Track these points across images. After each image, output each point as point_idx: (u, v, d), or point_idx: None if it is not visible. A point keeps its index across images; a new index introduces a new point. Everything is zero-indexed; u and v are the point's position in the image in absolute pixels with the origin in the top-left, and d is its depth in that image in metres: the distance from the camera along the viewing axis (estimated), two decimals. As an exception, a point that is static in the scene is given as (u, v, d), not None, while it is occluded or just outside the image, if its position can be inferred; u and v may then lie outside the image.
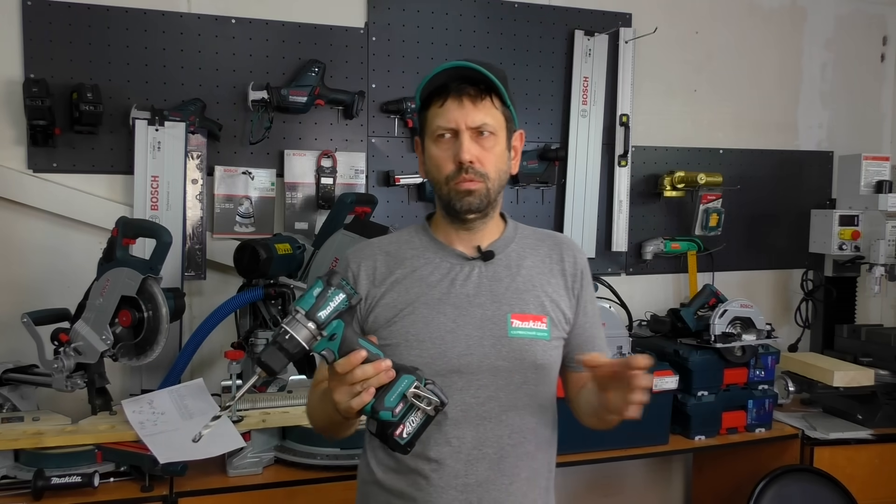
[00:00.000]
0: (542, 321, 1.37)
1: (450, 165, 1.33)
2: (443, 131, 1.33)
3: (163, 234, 2.04)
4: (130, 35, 2.43)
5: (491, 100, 1.34)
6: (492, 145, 1.34)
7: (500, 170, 1.37)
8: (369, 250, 1.43)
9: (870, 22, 3.43)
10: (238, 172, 2.56)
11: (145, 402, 2.07)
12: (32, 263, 2.38)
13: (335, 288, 1.17)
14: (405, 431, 1.18)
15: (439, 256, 1.40)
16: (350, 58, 2.67)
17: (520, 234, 1.46)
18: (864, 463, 2.62)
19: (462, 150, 1.31)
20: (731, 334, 2.59)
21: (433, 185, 1.39)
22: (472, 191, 1.33)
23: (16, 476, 1.93)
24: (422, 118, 1.39)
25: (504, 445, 1.35)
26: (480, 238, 1.41)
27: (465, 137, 1.32)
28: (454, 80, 1.32)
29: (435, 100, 1.34)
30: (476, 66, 1.31)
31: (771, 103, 3.28)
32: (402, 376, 1.17)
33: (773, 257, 3.32)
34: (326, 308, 1.15)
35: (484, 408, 1.34)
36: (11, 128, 2.33)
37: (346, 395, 1.16)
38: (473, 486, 1.33)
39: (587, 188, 2.95)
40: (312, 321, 1.14)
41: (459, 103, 1.32)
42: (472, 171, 1.32)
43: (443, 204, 1.39)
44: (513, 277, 1.39)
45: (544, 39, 2.92)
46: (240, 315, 2.38)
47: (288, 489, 2.02)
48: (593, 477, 3.03)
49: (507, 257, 1.41)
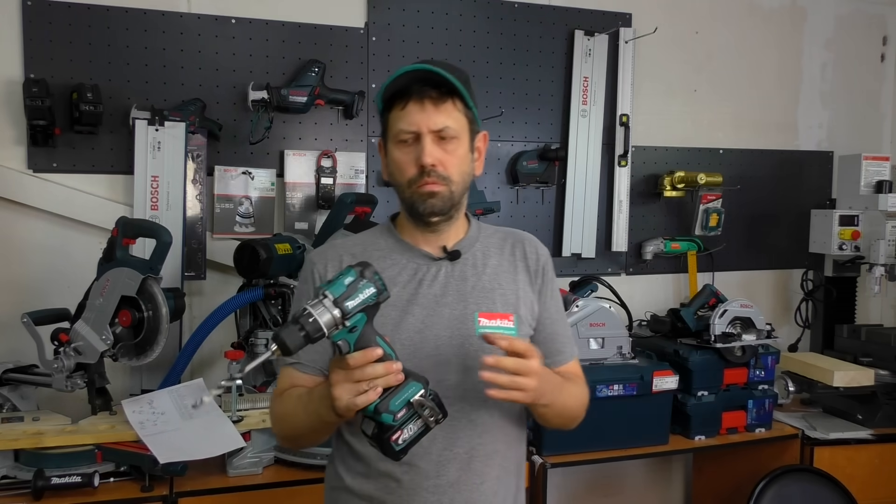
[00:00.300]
0: (510, 319, 1.37)
1: (412, 169, 1.33)
2: (405, 135, 1.33)
3: (163, 234, 2.04)
4: (130, 35, 2.43)
5: (453, 102, 1.33)
6: (454, 148, 1.34)
7: (463, 172, 1.36)
8: (334, 251, 1.43)
9: (870, 22, 3.43)
10: (238, 172, 2.55)
11: (145, 402, 2.07)
12: (32, 263, 2.38)
13: (367, 280, 1.14)
14: (402, 438, 1.16)
15: (406, 258, 1.40)
16: (350, 58, 2.67)
17: (484, 234, 1.47)
18: (864, 463, 2.62)
19: (424, 153, 1.31)
20: (731, 334, 2.59)
21: (396, 188, 1.39)
22: (435, 193, 1.33)
23: (16, 476, 1.93)
24: (384, 121, 1.38)
25: (474, 445, 1.35)
26: (445, 238, 1.41)
27: (426, 141, 1.31)
28: (415, 82, 1.32)
29: (396, 103, 1.33)
30: (437, 69, 1.30)
31: (771, 103, 3.28)
32: (411, 382, 1.16)
33: (773, 257, 3.32)
34: (355, 299, 1.12)
35: (454, 408, 1.33)
36: (11, 128, 2.33)
37: (348, 392, 1.14)
38: (445, 487, 1.33)
39: (587, 188, 2.95)
40: (339, 308, 1.11)
41: (421, 106, 1.31)
42: (435, 175, 1.32)
43: (406, 207, 1.39)
44: (479, 276, 1.39)
45: (544, 39, 2.92)
46: (240, 315, 2.38)
47: (288, 489, 2.02)
48: (593, 477, 3.03)
49: (472, 256, 1.42)
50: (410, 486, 1.32)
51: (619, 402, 2.38)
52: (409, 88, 1.32)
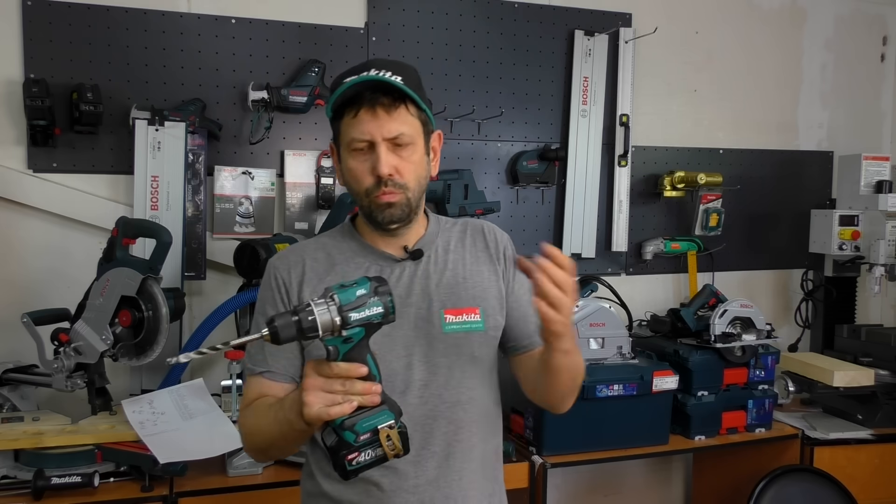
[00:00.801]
0: (476, 313, 1.37)
1: (368, 178, 1.31)
2: (358, 143, 1.30)
3: (163, 234, 2.04)
4: (130, 35, 2.43)
5: (406, 107, 1.30)
6: (410, 154, 1.31)
7: (419, 177, 1.34)
8: (296, 256, 1.41)
9: (870, 22, 3.43)
10: (238, 172, 2.56)
11: (145, 402, 2.07)
12: (32, 263, 2.38)
13: (378, 298, 1.11)
14: (356, 460, 1.13)
15: (369, 260, 1.39)
16: (350, 58, 2.67)
17: (443, 228, 1.46)
18: (864, 463, 2.62)
19: (380, 163, 1.28)
20: (731, 334, 2.59)
21: (352, 195, 1.37)
22: (393, 203, 1.31)
23: (16, 476, 1.93)
24: (335, 127, 1.35)
25: (451, 441, 1.35)
26: (406, 239, 1.40)
27: (381, 150, 1.28)
28: (367, 88, 1.27)
29: (347, 110, 1.30)
30: (385, 77, 1.26)
31: (771, 103, 3.28)
32: (384, 410, 1.13)
33: (773, 257, 3.32)
34: (360, 312, 1.10)
35: (427, 407, 1.33)
36: (11, 128, 2.33)
37: (322, 400, 1.10)
38: (424, 486, 1.33)
39: (587, 188, 2.95)
40: (341, 316, 1.09)
41: (373, 114, 1.28)
42: (392, 184, 1.30)
43: (364, 214, 1.38)
44: (442, 273, 1.39)
45: (544, 39, 2.92)
46: (240, 315, 2.38)
47: (288, 489, 2.01)
48: (593, 477, 3.04)
49: (434, 253, 1.41)
50: (390, 488, 1.32)
51: (618, 402, 2.38)
52: (360, 95, 1.28)
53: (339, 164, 1.37)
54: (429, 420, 1.33)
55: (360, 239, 1.42)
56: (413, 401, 1.32)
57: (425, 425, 1.33)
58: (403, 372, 1.33)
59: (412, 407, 1.31)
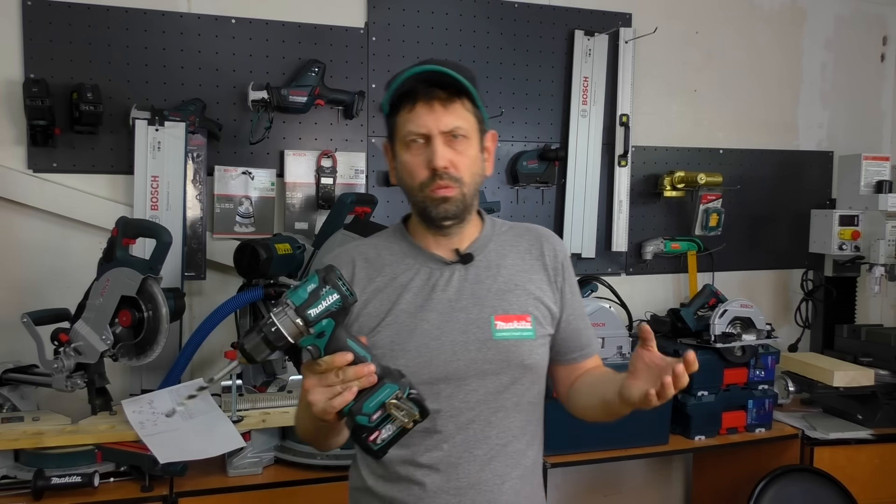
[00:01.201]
0: (527, 320, 1.36)
1: (423, 172, 1.31)
2: (414, 137, 1.30)
3: (163, 234, 2.04)
4: (130, 35, 2.43)
5: (461, 102, 1.31)
6: (465, 148, 1.32)
7: (474, 173, 1.34)
8: (347, 256, 1.41)
9: (870, 22, 3.43)
10: (238, 172, 2.56)
11: (145, 402, 2.07)
12: (32, 263, 2.38)
13: (330, 287, 1.12)
14: (379, 437, 1.15)
15: (419, 262, 1.38)
16: (350, 58, 2.67)
17: (498, 232, 1.44)
18: (864, 463, 2.62)
19: (436, 155, 1.28)
20: (731, 334, 2.59)
21: (406, 191, 1.36)
22: (448, 198, 1.31)
23: (16, 476, 1.93)
24: (391, 123, 1.36)
25: (494, 446, 1.35)
26: (459, 241, 1.39)
27: (437, 142, 1.29)
28: (422, 83, 1.29)
29: (404, 104, 1.31)
30: (445, 69, 1.29)
31: (771, 103, 3.28)
32: (385, 385, 1.15)
33: (773, 257, 3.32)
34: (318, 307, 1.11)
35: (473, 412, 1.33)
36: (11, 128, 2.33)
37: (322, 395, 1.12)
38: (466, 489, 1.32)
39: (587, 188, 2.95)
40: (301, 318, 1.10)
41: (430, 108, 1.29)
42: (447, 177, 1.30)
43: (417, 211, 1.37)
44: (494, 278, 1.38)
45: (544, 39, 2.92)
46: (240, 315, 2.38)
47: (288, 489, 2.02)
48: (593, 477, 3.04)
49: (486, 258, 1.39)
50: (432, 488, 1.32)
51: (619, 402, 2.38)
52: (416, 89, 1.30)
53: (394, 160, 1.37)
54: (473, 423, 1.33)
55: (410, 240, 1.41)
56: (459, 405, 1.32)
57: (469, 428, 1.33)
58: (451, 375, 1.32)
59: (458, 410, 1.32)
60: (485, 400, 1.34)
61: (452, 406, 1.32)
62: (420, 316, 1.33)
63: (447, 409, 1.31)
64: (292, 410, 2.13)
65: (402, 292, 1.35)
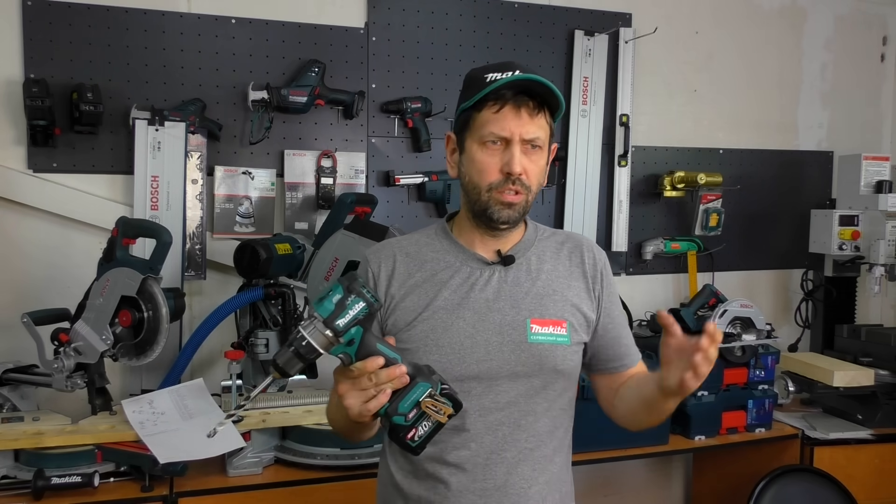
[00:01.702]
0: (563, 326, 1.36)
1: (496, 174, 1.32)
2: (494, 138, 1.31)
3: (163, 234, 2.04)
4: (130, 35, 2.43)
5: (544, 114, 1.33)
6: (538, 158, 1.34)
7: (540, 183, 1.37)
8: (389, 251, 1.42)
9: (870, 22, 3.43)
10: (238, 172, 2.56)
11: (145, 402, 2.07)
12: (32, 263, 2.38)
13: (355, 296, 1.14)
14: (416, 435, 1.18)
15: (459, 260, 1.39)
16: (350, 58, 2.67)
17: (540, 237, 1.45)
18: (864, 463, 2.62)
19: (514, 161, 1.30)
20: (731, 334, 2.59)
21: (469, 188, 1.36)
22: (514, 204, 1.33)
23: (16, 476, 1.93)
24: (468, 117, 1.35)
25: (522, 449, 1.35)
26: (503, 243, 1.40)
27: (516, 149, 1.30)
28: (512, 88, 1.30)
29: (491, 104, 1.31)
30: (547, 81, 1.29)
31: (771, 103, 3.28)
32: (418, 384, 1.17)
33: (773, 257, 3.32)
34: (345, 317, 1.13)
35: (503, 413, 1.33)
36: (11, 128, 2.33)
37: (357, 399, 1.15)
38: (492, 491, 1.33)
39: (587, 188, 2.95)
40: (330, 329, 1.12)
41: (517, 113, 1.30)
42: (519, 183, 1.32)
43: (476, 209, 1.36)
44: (533, 282, 1.38)
45: (544, 39, 2.92)
46: (240, 315, 2.38)
47: (288, 489, 2.02)
48: (593, 477, 3.03)
49: (527, 261, 1.40)
50: (458, 488, 1.32)
51: (619, 402, 2.38)
52: (504, 92, 1.30)
53: (460, 154, 1.38)
54: (502, 425, 1.33)
55: (453, 238, 1.42)
56: (489, 405, 1.33)
57: (498, 430, 1.33)
58: (483, 375, 1.32)
59: (487, 411, 1.33)
60: (515, 402, 1.34)
61: (482, 405, 1.32)
62: (456, 313, 1.34)
63: (476, 407, 1.32)
64: (292, 410, 2.14)
65: (441, 289, 1.35)
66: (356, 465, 2.05)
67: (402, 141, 2.74)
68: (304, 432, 2.12)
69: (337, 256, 2.21)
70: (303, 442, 2.11)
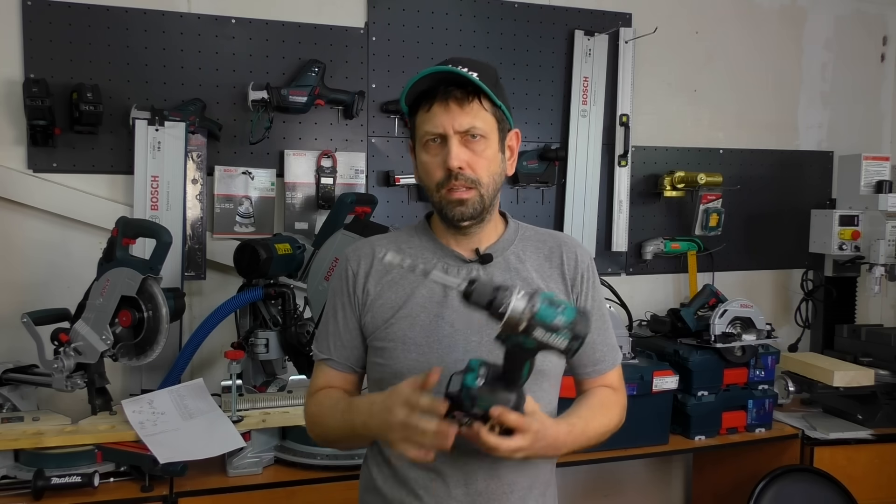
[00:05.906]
0: None
1: (439, 172, 1.30)
2: (431, 136, 1.30)
3: (163, 234, 2.04)
4: (130, 35, 2.43)
5: (479, 102, 1.30)
6: (482, 149, 1.30)
7: (493, 173, 1.33)
8: (367, 248, 1.42)
9: (870, 22, 3.43)
10: (238, 172, 2.56)
11: (145, 402, 2.07)
12: (32, 263, 2.38)
13: (571, 336, 1.10)
14: None
15: (437, 258, 1.38)
16: (350, 58, 2.67)
17: (521, 236, 1.43)
18: (864, 463, 2.62)
19: (450, 156, 1.28)
20: (731, 334, 2.59)
21: (426, 191, 1.37)
22: (465, 200, 1.30)
23: (16, 476, 1.93)
24: (411, 123, 1.36)
25: None
26: (479, 240, 1.39)
27: (453, 143, 1.28)
28: (440, 83, 1.28)
29: (422, 104, 1.31)
30: (458, 69, 1.27)
31: (771, 103, 3.29)
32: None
33: (773, 257, 3.32)
34: (545, 334, 1.09)
35: None
36: (11, 128, 2.33)
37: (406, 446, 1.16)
38: (473, 496, 1.32)
39: (587, 188, 2.95)
40: (528, 322, 1.08)
41: (446, 107, 1.28)
42: (463, 178, 1.29)
43: (436, 210, 1.37)
44: (511, 280, 1.36)
45: (544, 39, 2.92)
46: (240, 315, 2.38)
47: (288, 489, 2.02)
48: (593, 477, 3.03)
49: (505, 260, 1.39)
50: (439, 493, 1.31)
51: (619, 402, 2.38)
52: (434, 89, 1.29)
53: (415, 159, 1.38)
54: None
55: (432, 235, 1.41)
56: None
57: None
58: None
59: None
60: None
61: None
62: (436, 312, 1.33)
63: None
64: (292, 410, 2.14)
65: (418, 286, 1.34)
66: (356, 466, 2.03)
67: (402, 141, 2.74)
68: (304, 432, 2.11)
69: (337, 256, 2.21)
70: (303, 442, 2.11)
